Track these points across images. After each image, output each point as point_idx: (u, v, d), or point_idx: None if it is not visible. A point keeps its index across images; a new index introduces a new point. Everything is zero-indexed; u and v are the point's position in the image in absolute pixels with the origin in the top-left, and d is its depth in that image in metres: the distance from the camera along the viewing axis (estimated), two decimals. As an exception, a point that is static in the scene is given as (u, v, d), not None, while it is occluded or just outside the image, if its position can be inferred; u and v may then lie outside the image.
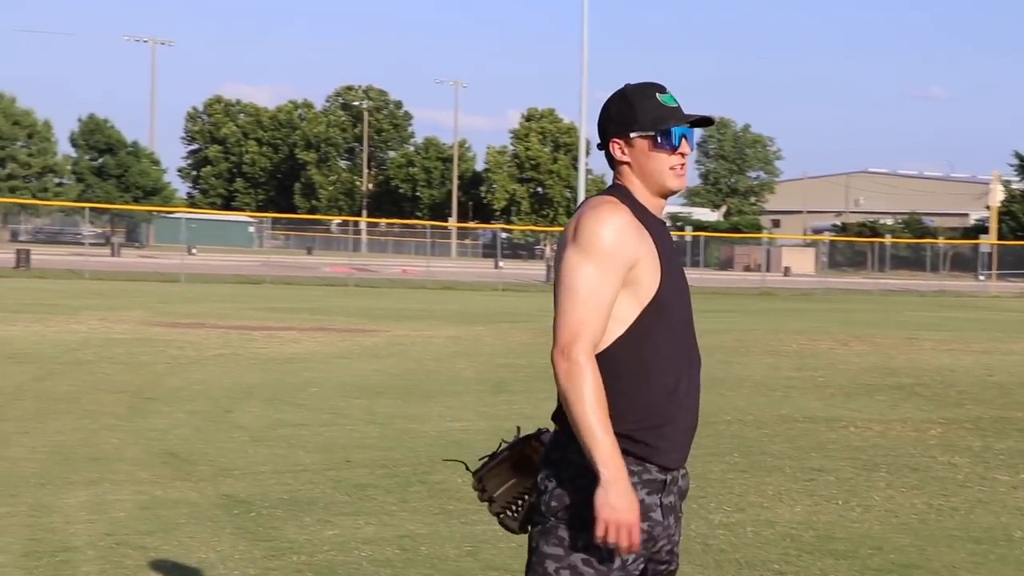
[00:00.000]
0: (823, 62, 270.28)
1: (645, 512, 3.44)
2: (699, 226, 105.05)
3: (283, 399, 13.53)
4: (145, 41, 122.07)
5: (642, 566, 3.50)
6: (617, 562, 3.40)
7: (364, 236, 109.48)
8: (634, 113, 3.57)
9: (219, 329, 22.77)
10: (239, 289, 41.87)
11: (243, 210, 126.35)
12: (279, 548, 7.28)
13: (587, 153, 62.02)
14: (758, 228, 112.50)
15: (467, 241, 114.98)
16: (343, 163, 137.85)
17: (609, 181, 3.70)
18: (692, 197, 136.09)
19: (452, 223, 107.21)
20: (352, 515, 8.16)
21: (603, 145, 3.65)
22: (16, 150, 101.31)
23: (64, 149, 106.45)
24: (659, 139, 3.55)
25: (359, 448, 10.69)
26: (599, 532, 3.29)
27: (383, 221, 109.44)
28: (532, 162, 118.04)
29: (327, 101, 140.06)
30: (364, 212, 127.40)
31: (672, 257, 3.55)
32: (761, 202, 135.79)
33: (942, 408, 14.53)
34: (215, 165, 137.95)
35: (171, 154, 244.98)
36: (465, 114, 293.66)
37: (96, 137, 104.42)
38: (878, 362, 20.08)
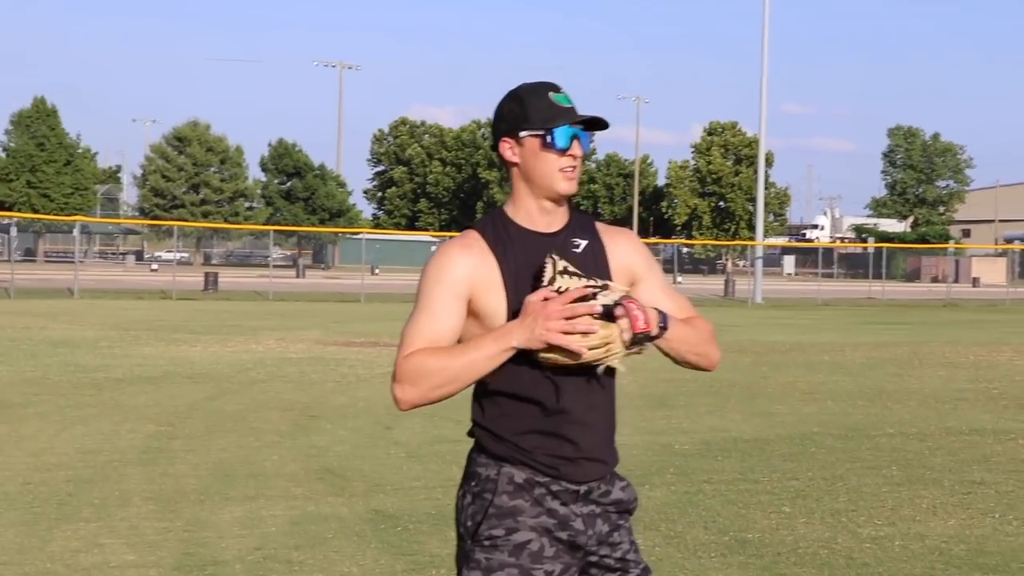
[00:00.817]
0: (1012, 67, 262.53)
1: (564, 522, 3.39)
2: (884, 237, 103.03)
3: (444, 415, 13.68)
4: (333, 66, 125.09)
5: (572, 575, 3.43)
6: (539, 574, 3.34)
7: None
8: (525, 112, 3.44)
9: (391, 348, 23.14)
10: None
11: (427, 230, 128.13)
12: (420, 562, 7.41)
13: (767, 165, 61.26)
14: (946, 239, 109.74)
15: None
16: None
17: (794, 192, 3.45)
18: (878, 208, 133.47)
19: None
20: (495, 529, 8.24)
21: (494, 146, 3.54)
22: (209, 176, 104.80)
23: (254, 174, 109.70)
24: (548, 139, 3.42)
25: (512, 463, 10.77)
26: (563, 340, 3.18)
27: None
28: (714, 176, 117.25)
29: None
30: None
31: (528, 272, 3.38)
32: (951, 211, 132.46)
33: (1120, 420, 14.04)
34: (400, 186, 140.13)
35: (357, 176, 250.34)
36: (647, 129, 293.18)
37: (285, 161, 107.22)
38: (1059, 373, 19.47)
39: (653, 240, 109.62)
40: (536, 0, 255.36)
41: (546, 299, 3.24)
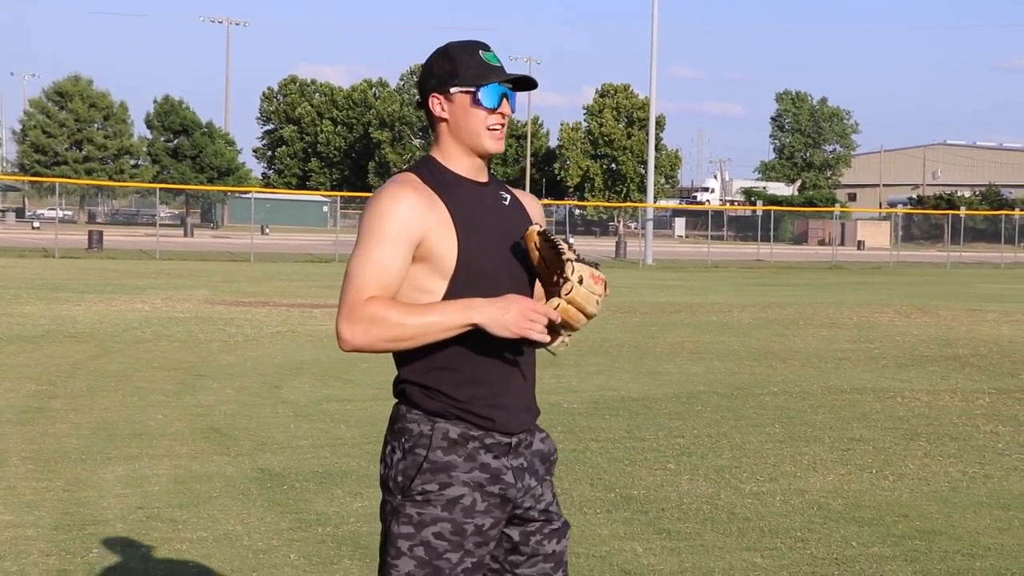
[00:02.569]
0: (901, 35, 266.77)
1: (496, 475, 3.44)
2: (772, 200, 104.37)
3: (334, 375, 13.66)
4: (220, 22, 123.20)
5: (500, 528, 3.51)
6: (471, 528, 3.41)
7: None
8: (455, 68, 3.49)
9: (281, 307, 23.00)
10: (308, 268, 42.24)
11: (318, 190, 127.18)
12: (306, 520, 7.39)
13: (659, 128, 61.68)
14: (832, 202, 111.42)
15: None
16: (417, 142, 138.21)
17: (684, 155, 3.51)
18: (767, 172, 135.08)
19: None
20: (382, 487, 8.24)
21: (423, 103, 3.57)
22: (93, 132, 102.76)
23: (140, 131, 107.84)
24: (478, 95, 3.47)
25: (400, 422, 10.76)
26: (534, 334, 3.28)
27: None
28: (606, 138, 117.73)
29: (401, 80, 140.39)
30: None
31: (482, 220, 3.48)
32: (837, 176, 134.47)
33: (994, 378, 14.39)
34: (290, 145, 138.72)
35: (246, 135, 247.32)
36: (539, 91, 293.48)
37: (171, 119, 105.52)
38: (937, 334, 19.90)
39: (546, 201, 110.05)
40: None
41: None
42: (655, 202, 65.60)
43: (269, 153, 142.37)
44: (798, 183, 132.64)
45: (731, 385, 13.46)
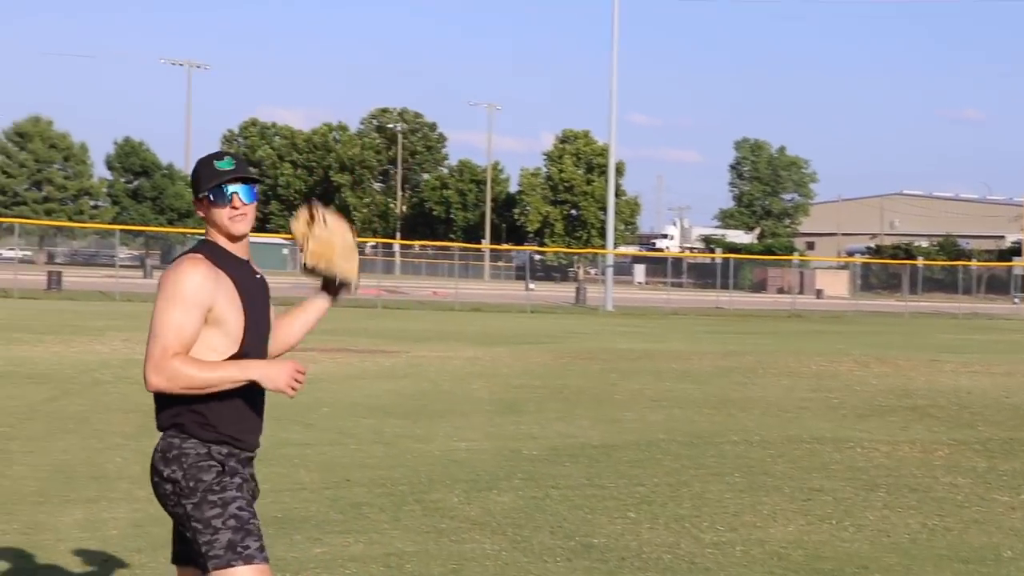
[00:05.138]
0: (855, 85, 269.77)
1: (248, 476, 4.65)
2: (731, 248, 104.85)
3: (292, 419, 13.59)
4: (181, 64, 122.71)
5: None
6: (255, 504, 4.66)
7: (398, 259, 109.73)
8: (198, 180, 4.56)
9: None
10: (267, 311, 42.02)
11: (278, 232, 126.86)
12: (265, 565, 7.33)
13: (618, 174, 61.92)
14: (791, 251, 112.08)
15: (500, 264, 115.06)
16: (377, 185, 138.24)
17: (644, 202, 3.91)
18: (726, 219, 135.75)
19: (485, 245, 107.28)
20: (343, 533, 8.22)
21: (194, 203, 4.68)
22: (53, 173, 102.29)
23: (100, 172, 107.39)
24: (212, 197, 4.53)
25: (360, 467, 10.75)
26: (290, 392, 4.54)
27: (417, 243, 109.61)
28: (566, 184, 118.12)
29: (361, 124, 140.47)
30: (398, 235, 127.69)
31: (251, 291, 4.60)
32: (795, 224, 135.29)
33: (953, 429, 14.48)
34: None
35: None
36: (499, 136, 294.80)
37: (131, 160, 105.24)
38: (896, 384, 20.01)
39: (506, 246, 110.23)
40: (384, 2, 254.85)
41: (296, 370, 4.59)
42: (615, 248, 65.77)
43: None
44: (757, 231, 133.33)
45: (691, 433, 13.49)
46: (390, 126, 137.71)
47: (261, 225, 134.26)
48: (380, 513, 8.90)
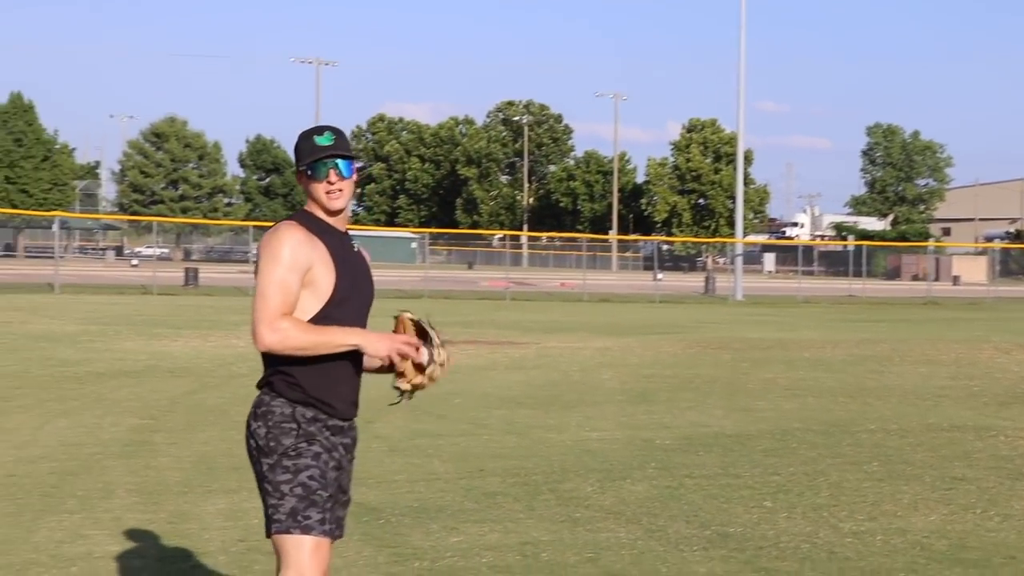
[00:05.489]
0: (991, 64, 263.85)
1: (336, 445, 4.72)
2: (863, 235, 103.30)
3: (425, 410, 13.69)
4: (310, 62, 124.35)
5: (336, 485, 4.72)
6: (332, 476, 4.67)
7: (525, 251, 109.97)
8: (298, 153, 4.71)
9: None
10: (397, 304, 42.37)
11: (406, 226, 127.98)
12: (402, 554, 7.43)
13: (747, 163, 61.33)
14: (926, 237, 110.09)
15: (628, 254, 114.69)
16: (504, 178, 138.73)
17: (773, 190, 3.81)
18: (858, 206, 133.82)
19: (612, 236, 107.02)
20: (478, 522, 8.27)
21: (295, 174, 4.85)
22: (188, 171, 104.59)
23: (233, 170, 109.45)
24: (309, 172, 4.67)
25: (494, 457, 10.81)
26: (395, 362, 4.63)
27: (544, 235, 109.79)
28: (693, 173, 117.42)
29: (488, 117, 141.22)
30: (525, 226, 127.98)
31: (348, 260, 4.70)
32: (931, 210, 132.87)
33: (1099, 417, 14.11)
34: (379, 182, 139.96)
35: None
36: (625, 127, 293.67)
37: (263, 157, 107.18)
38: (1038, 371, 19.55)
39: (633, 236, 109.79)
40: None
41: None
42: (744, 237, 65.21)
43: (358, 190, 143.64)
44: (890, 217, 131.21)
45: (826, 422, 13.32)
46: (516, 118, 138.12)
47: (390, 219, 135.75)
48: (515, 503, 8.93)
